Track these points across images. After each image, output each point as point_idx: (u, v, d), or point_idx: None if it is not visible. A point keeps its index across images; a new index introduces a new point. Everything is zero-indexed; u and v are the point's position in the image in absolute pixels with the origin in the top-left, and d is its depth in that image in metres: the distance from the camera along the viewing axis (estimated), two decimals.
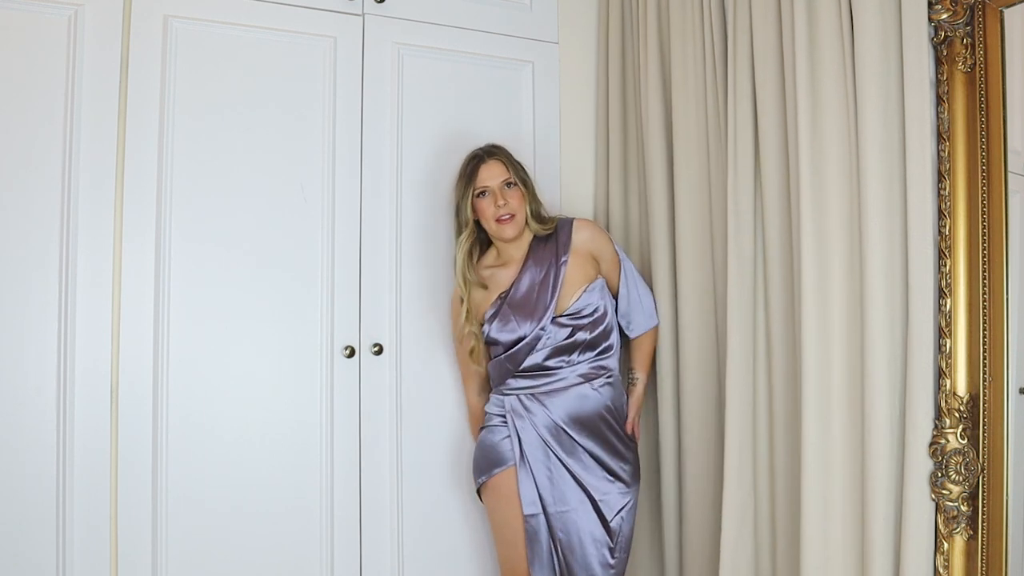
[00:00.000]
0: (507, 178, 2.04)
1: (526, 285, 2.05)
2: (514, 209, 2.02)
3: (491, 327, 2.04)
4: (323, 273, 2.13)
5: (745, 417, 1.93)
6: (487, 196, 2.03)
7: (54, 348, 1.86)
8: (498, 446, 2.03)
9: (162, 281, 1.96)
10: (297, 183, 2.11)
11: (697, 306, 2.14)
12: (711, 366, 2.14)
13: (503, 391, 2.06)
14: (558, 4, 2.46)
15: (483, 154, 2.07)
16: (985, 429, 1.59)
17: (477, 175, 2.04)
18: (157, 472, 1.95)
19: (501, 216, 2.01)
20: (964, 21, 1.62)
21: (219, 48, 2.04)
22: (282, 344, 2.09)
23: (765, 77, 1.91)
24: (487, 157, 2.06)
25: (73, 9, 1.89)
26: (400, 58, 2.24)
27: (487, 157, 2.06)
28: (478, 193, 2.03)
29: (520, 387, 2.04)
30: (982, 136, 1.60)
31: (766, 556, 1.95)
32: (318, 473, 2.11)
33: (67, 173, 1.88)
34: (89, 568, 1.87)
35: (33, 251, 1.85)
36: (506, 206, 2.01)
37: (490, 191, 2.03)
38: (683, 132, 2.16)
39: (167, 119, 1.98)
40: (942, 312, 1.60)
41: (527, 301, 2.04)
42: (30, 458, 1.83)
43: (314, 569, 2.10)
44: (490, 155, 2.07)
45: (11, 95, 1.84)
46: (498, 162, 2.06)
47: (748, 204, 1.96)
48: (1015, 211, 1.61)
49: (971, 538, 1.59)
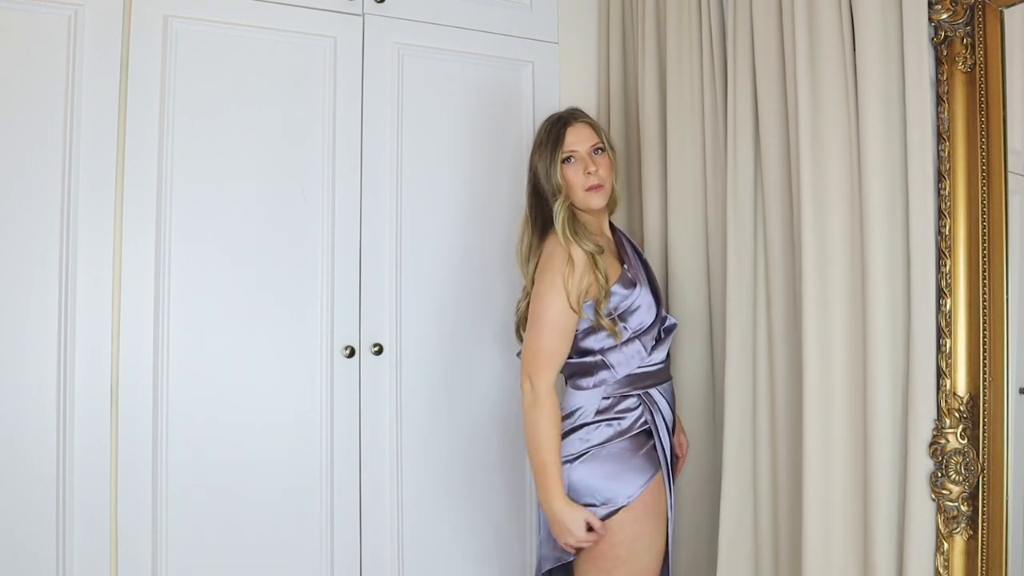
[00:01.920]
0: (597, 143, 1.85)
1: (635, 262, 1.88)
2: (604, 178, 1.84)
3: (636, 294, 1.78)
4: (323, 273, 2.13)
5: (745, 416, 1.93)
6: (575, 162, 1.83)
7: (54, 347, 1.86)
8: (639, 447, 1.75)
9: (162, 281, 1.96)
10: (297, 183, 2.11)
11: (690, 306, 2.14)
12: (704, 366, 2.14)
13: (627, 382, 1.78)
14: (558, 4, 2.46)
15: (568, 116, 1.87)
16: (985, 429, 1.59)
17: (564, 139, 1.83)
18: (157, 472, 1.95)
19: (592, 184, 1.82)
20: (964, 21, 1.62)
21: (219, 48, 2.04)
22: (282, 344, 2.08)
23: (765, 77, 1.91)
24: (572, 120, 1.86)
25: (73, 9, 1.89)
26: (400, 58, 2.24)
27: (572, 120, 1.86)
28: (564, 158, 1.83)
29: (649, 372, 1.80)
30: (982, 136, 1.60)
31: (767, 556, 1.95)
32: (318, 473, 2.10)
33: (67, 173, 1.88)
34: (89, 567, 1.87)
35: (33, 251, 1.85)
36: (597, 173, 1.82)
37: (578, 157, 1.83)
38: (677, 132, 2.16)
39: (167, 119, 1.98)
40: (942, 312, 1.60)
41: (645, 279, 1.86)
42: (30, 457, 1.83)
43: (314, 568, 2.10)
44: (575, 117, 1.87)
45: (11, 95, 1.84)
46: (586, 125, 1.86)
47: (748, 203, 1.96)
48: (1015, 211, 1.61)
49: (971, 538, 1.59)
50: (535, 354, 1.73)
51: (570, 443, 1.75)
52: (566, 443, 1.75)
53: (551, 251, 1.78)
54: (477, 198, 2.31)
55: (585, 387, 1.79)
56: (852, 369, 1.72)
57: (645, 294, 1.81)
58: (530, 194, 1.90)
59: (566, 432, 1.77)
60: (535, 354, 1.73)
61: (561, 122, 1.86)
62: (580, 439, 1.76)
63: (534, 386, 1.71)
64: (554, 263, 1.74)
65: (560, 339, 1.73)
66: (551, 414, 1.70)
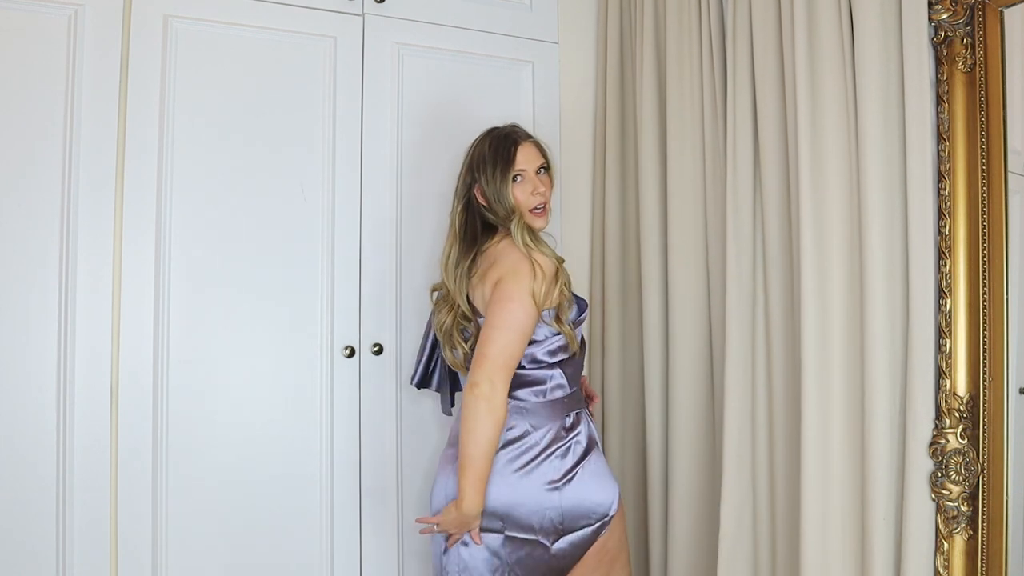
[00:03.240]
0: (542, 162, 1.83)
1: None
2: (548, 198, 1.83)
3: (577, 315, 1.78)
4: (323, 273, 2.13)
5: (744, 417, 1.93)
6: (522, 182, 1.80)
7: (54, 347, 1.86)
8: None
9: (162, 280, 1.96)
10: (297, 183, 2.11)
11: (689, 306, 2.14)
12: (703, 367, 2.13)
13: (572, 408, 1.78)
14: (558, 4, 2.47)
15: (514, 135, 1.84)
16: (985, 429, 1.59)
17: (515, 159, 1.80)
18: (157, 471, 1.95)
19: (537, 206, 1.80)
20: (964, 21, 1.62)
21: (219, 48, 2.04)
22: (282, 344, 2.08)
23: (765, 77, 1.91)
24: (520, 139, 1.83)
25: (73, 9, 1.89)
26: (400, 58, 2.24)
27: (520, 139, 1.83)
28: (513, 177, 1.80)
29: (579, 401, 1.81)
30: (982, 136, 1.60)
31: (765, 557, 1.95)
32: (318, 472, 2.10)
33: (67, 173, 1.88)
34: (89, 567, 1.87)
35: (33, 251, 1.85)
36: (543, 194, 1.81)
37: (526, 176, 1.80)
38: (677, 132, 2.16)
39: (167, 119, 1.98)
40: (942, 312, 1.60)
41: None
42: (30, 457, 1.83)
43: (314, 567, 2.10)
44: (522, 136, 1.84)
45: (11, 95, 1.84)
46: (533, 144, 1.84)
47: (748, 204, 1.96)
48: (1015, 211, 1.62)
49: (971, 538, 1.59)
50: (499, 355, 1.66)
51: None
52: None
53: (517, 259, 1.73)
54: None
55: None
56: (851, 369, 1.72)
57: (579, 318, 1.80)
58: (462, 208, 1.84)
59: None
60: (499, 355, 1.66)
61: (510, 140, 1.82)
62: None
63: (495, 389, 1.64)
64: (522, 268, 1.71)
65: (523, 344, 1.70)
66: (501, 419, 1.65)
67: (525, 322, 1.68)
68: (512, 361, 1.67)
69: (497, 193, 1.78)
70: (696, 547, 2.12)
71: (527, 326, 1.68)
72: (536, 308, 1.68)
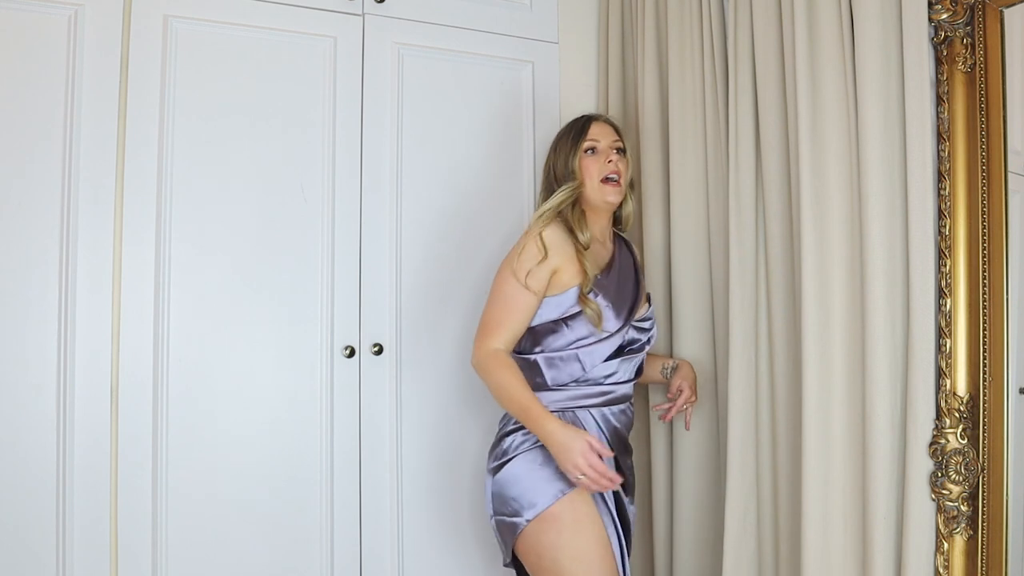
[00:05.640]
0: (618, 142, 1.91)
1: (617, 272, 1.86)
2: (622, 173, 1.87)
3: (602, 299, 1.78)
4: (323, 273, 2.13)
5: (747, 417, 1.93)
6: (595, 154, 1.87)
7: (54, 348, 1.86)
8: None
9: (162, 281, 1.96)
10: (297, 183, 2.11)
11: (691, 307, 2.14)
12: (707, 367, 2.13)
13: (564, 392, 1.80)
14: (558, 4, 2.46)
15: (594, 114, 1.94)
16: (985, 429, 1.59)
17: (588, 130, 1.88)
18: (157, 471, 1.94)
19: (610, 175, 1.85)
20: (964, 21, 1.62)
21: (219, 48, 2.04)
22: (282, 344, 2.08)
23: (766, 77, 1.91)
24: (599, 117, 1.93)
25: (73, 9, 1.89)
26: (400, 58, 2.24)
27: (599, 117, 1.93)
28: (585, 149, 1.87)
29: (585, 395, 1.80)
30: (982, 136, 1.60)
31: (768, 556, 1.95)
32: (318, 473, 2.10)
33: (67, 173, 1.88)
34: (89, 567, 1.87)
35: (33, 250, 1.85)
36: (615, 163, 1.86)
37: (600, 149, 1.87)
38: (679, 131, 2.16)
39: (167, 119, 1.98)
40: (942, 312, 1.60)
41: (620, 292, 1.84)
42: (30, 457, 1.83)
43: (314, 568, 2.10)
44: (602, 116, 1.94)
45: (11, 95, 1.84)
46: (610, 125, 1.92)
47: (750, 204, 1.96)
48: (1015, 211, 1.62)
49: (971, 538, 1.59)
50: (484, 323, 1.81)
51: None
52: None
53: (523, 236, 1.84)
54: (477, 198, 2.31)
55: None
56: (851, 369, 1.72)
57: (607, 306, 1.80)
58: (543, 191, 1.94)
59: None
60: (484, 323, 1.81)
61: (586, 117, 1.92)
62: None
63: (482, 348, 1.76)
64: (515, 247, 1.82)
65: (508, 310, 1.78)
66: (508, 363, 1.74)
67: (508, 292, 1.78)
68: (494, 324, 1.78)
69: (565, 160, 1.87)
70: (701, 547, 2.12)
71: (510, 296, 1.78)
72: (522, 280, 1.76)
